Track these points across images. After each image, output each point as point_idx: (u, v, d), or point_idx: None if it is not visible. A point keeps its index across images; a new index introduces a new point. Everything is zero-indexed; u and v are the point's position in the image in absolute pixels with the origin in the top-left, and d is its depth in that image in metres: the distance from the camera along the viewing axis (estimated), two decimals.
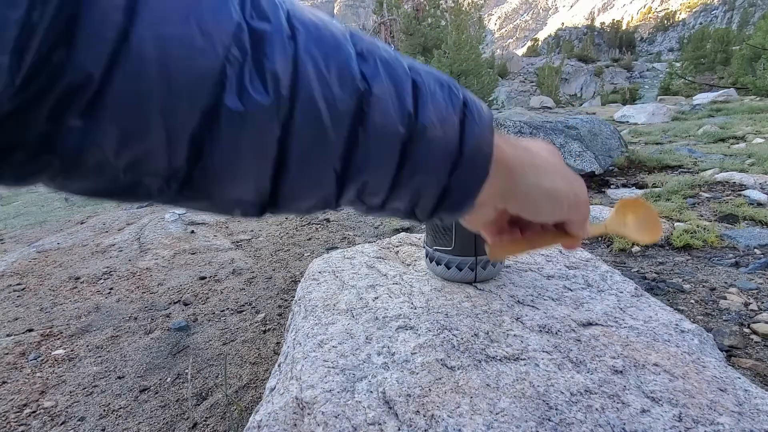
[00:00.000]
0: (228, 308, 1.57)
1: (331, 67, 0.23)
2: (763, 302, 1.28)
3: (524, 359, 0.52)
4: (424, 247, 0.73)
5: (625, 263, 1.64)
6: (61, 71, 0.17)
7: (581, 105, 17.26)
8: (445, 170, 0.27)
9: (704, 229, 1.81)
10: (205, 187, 0.22)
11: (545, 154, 0.33)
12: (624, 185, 2.79)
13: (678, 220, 1.99)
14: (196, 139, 0.20)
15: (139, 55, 0.18)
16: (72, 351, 1.35)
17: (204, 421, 1.02)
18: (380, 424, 0.44)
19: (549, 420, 0.43)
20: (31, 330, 1.48)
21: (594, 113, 7.43)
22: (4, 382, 1.20)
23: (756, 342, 1.11)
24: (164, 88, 0.19)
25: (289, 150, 0.23)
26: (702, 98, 9.65)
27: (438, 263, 0.69)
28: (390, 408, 0.46)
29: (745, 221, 1.92)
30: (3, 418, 1.06)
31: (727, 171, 2.74)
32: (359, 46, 0.25)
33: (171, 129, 0.19)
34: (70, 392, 1.15)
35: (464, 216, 0.32)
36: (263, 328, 1.41)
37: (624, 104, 12.94)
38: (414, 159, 0.26)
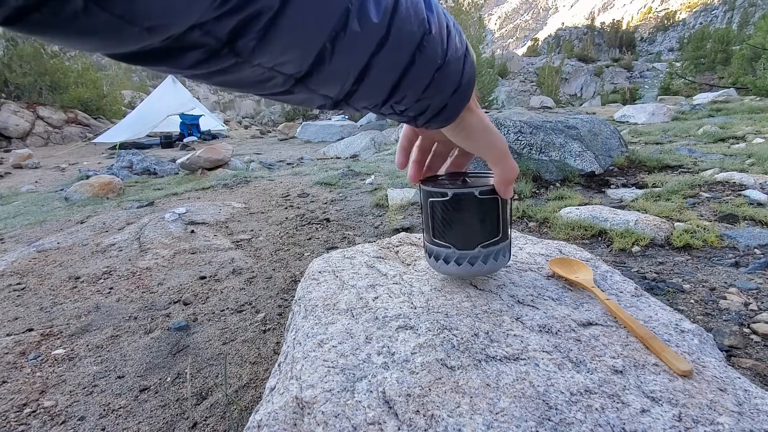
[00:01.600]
0: (228, 308, 1.57)
1: (411, 6, 0.30)
2: (763, 302, 1.28)
3: (524, 359, 0.52)
4: (423, 244, 0.72)
5: (625, 263, 1.64)
6: (251, 0, 0.22)
7: (581, 105, 17.25)
8: (450, 92, 0.38)
9: (704, 229, 1.81)
10: (311, 85, 0.30)
11: (488, 119, 0.46)
12: (624, 185, 2.79)
13: (678, 220, 1.99)
14: (322, 50, 0.27)
15: None
16: (72, 350, 1.35)
17: (204, 420, 1.02)
18: (380, 423, 0.44)
19: (549, 420, 0.43)
20: (31, 329, 1.48)
21: (594, 113, 7.43)
22: (4, 382, 1.20)
23: (756, 342, 1.11)
24: (314, 14, 0.25)
25: (373, 64, 0.30)
26: (702, 98, 9.65)
27: (437, 258, 0.67)
28: (390, 408, 0.46)
29: (745, 221, 1.92)
30: (3, 418, 1.06)
31: (727, 171, 2.74)
32: None
33: (311, 43, 0.26)
34: (70, 392, 1.15)
35: (441, 127, 0.43)
36: (263, 328, 1.41)
37: (624, 104, 12.94)
38: (437, 82, 0.36)
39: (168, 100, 10.39)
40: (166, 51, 0.22)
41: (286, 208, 2.96)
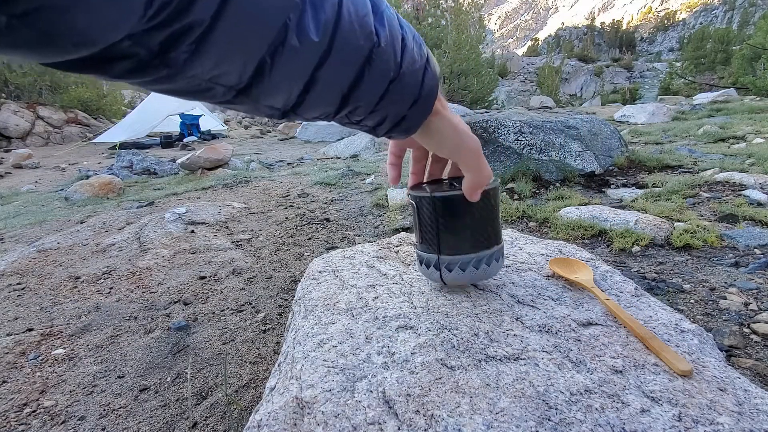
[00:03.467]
0: (228, 308, 1.57)
1: (357, 21, 0.30)
2: (763, 302, 1.28)
3: (524, 359, 0.52)
4: (415, 251, 0.68)
5: (625, 263, 1.64)
6: (183, 14, 0.22)
7: (581, 105, 17.25)
8: (407, 104, 0.38)
9: (704, 229, 1.81)
10: (254, 96, 0.30)
11: (460, 120, 0.46)
12: (624, 185, 2.79)
13: (678, 220, 1.99)
14: (261, 63, 0.28)
15: (237, 8, 0.24)
16: (72, 350, 1.35)
17: (204, 420, 1.02)
18: (380, 423, 0.44)
19: (549, 420, 0.43)
20: (31, 329, 1.48)
21: (594, 113, 7.43)
22: (4, 382, 1.20)
23: (756, 342, 1.11)
24: (249, 30, 0.25)
25: (318, 77, 0.31)
26: (702, 98, 9.65)
27: (427, 265, 0.64)
28: (390, 407, 0.46)
29: (745, 221, 1.92)
30: (3, 418, 1.06)
31: (727, 171, 2.74)
32: (372, 1, 0.32)
33: (248, 57, 0.27)
34: (70, 391, 1.15)
35: (404, 138, 0.44)
36: (263, 328, 1.41)
37: (624, 104, 12.94)
38: (392, 94, 0.36)
39: (168, 100, 10.37)
40: (95, 60, 0.22)
41: (286, 208, 2.96)
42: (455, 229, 0.60)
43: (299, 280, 0.90)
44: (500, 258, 0.65)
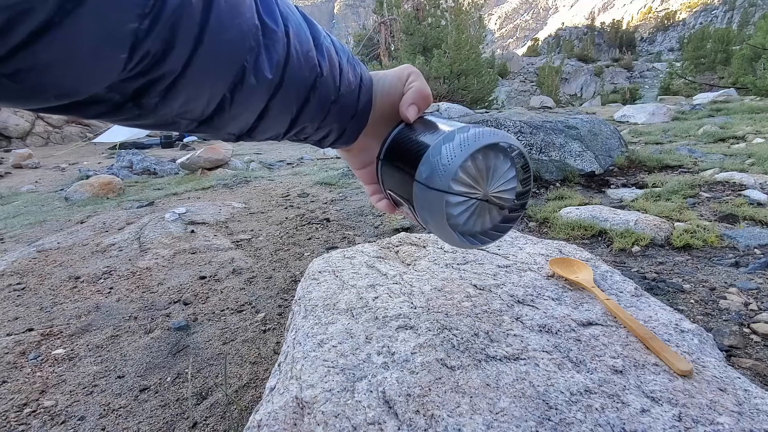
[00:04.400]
0: (228, 308, 1.57)
1: (302, 56, 0.34)
2: (763, 302, 1.28)
3: (524, 359, 0.52)
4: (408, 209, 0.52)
5: (625, 263, 1.64)
6: (158, 65, 0.24)
7: (581, 105, 17.25)
8: (348, 118, 0.42)
9: (704, 229, 1.81)
10: (216, 126, 0.34)
11: (391, 74, 0.47)
12: (624, 185, 2.79)
13: (678, 220, 1.99)
14: (223, 100, 0.31)
15: (204, 55, 0.26)
16: (72, 350, 1.35)
17: (204, 420, 1.02)
18: (380, 423, 0.44)
19: (549, 419, 0.43)
20: (31, 329, 1.48)
21: (594, 113, 7.43)
22: (4, 382, 1.20)
23: (756, 342, 1.11)
24: (215, 72, 0.28)
25: (270, 107, 0.35)
26: (702, 98, 9.65)
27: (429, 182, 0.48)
28: (390, 407, 0.46)
29: (745, 221, 1.92)
30: (3, 418, 1.06)
31: (727, 171, 2.74)
32: (313, 35, 0.36)
33: (212, 95, 0.30)
34: (70, 391, 1.15)
35: (349, 146, 0.47)
36: (263, 328, 1.41)
37: (624, 104, 12.94)
38: (333, 113, 0.40)
39: None
40: (72, 105, 0.24)
41: (286, 208, 2.96)
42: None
43: (299, 280, 0.90)
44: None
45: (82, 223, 2.87)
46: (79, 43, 0.20)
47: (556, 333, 0.58)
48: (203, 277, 1.84)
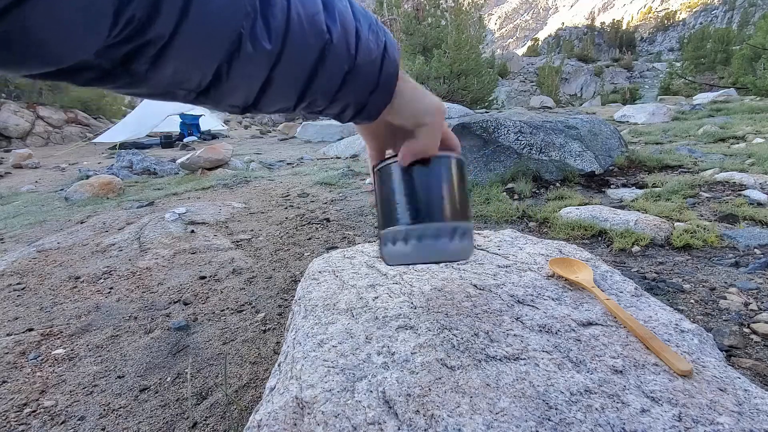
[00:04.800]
0: (228, 308, 1.57)
1: (306, 21, 0.32)
2: (763, 302, 1.28)
3: (524, 359, 0.52)
4: (378, 239, 0.58)
5: (625, 263, 1.64)
6: (144, 31, 0.24)
7: (581, 105, 17.25)
8: (367, 93, 0.39)
9: (704, 229, 1.81)
10: (214, 97, 0.32)
11: (424, 90, 0.46)
12: (624, 185, 2.79)
13: (678, 220, 1.99)
14: (219, 69, 0.29)
15: (194, 22, 0.25)
16: (72, 350, 1.35)
17: (204, 420, 1.02)
18: (380, 423, 0.44)
19: (549, 419, 0.43)
20: (31, 329, 1.48)
21: (594, 113, 7.43)
22: (4, 382, 1.20)
23: (756, 342, 1.11)
24: (205, 41, 0.27)
25: (273, 77, 0.33)
26: (702, 98, 9.65)
27: (394, 242, 0.54)
28: (390, 407, 0.46)
29: (745, 221, 1.92)
30: (3, 418, 1.06)
31: (727, 171, 2.74)
32: None
33: (206, 64, 0.29)
34: (70, 391, 1.15)
35: (369, 123, 0.44)
36: (263, 328, 1.41)
37: (624, 104, 12.94)
38: (349, 85, 0.37)
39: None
40: (62, 71, 0.24)
41: (286, 208, 2.96)
42: (426, 191, 0.52)
43: (299, 280, 0.90)
44: (471, 238, 0.56)
45: (82, 223, 2.87)
46: (63, 4, 0.20)
47: (556, 333, 0.58)
48: (203, 277, 1.84)
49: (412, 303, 0.68)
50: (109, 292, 1.74)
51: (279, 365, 0.60)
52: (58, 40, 0.21)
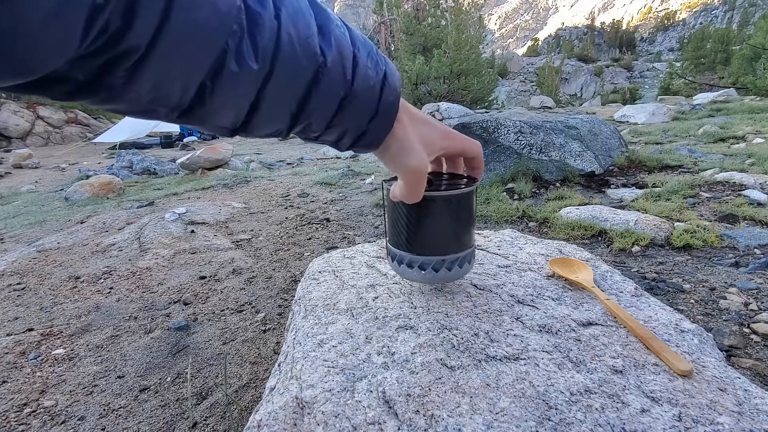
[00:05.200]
0: (228, 308, 1.57)
1: (298, 42, 0.31)
2: (763, 302, 1.28)
3: (524, 359, 0.52)
4: (386, 246, 0.67)
5: (624, 263, 1.64)
6: (119, 41, 0.23)
7: (581, 105, 17.25)
8: (366, 120, 0.38)
9: (704, 229, 1.81)
10: (200, 117, 0.31)
11: (427, 117, 0.47)
12: (624, 185, 2.79)
13: (678, 220, 1.99)
14: (202, 87, 0.28)
15: (174, 34, 0.24)
16: (72, 350, 1.35)
17: (204, 420, 1.02)
18: (380, 423, 0.44)
19: (549, 419, 0.43)
20: (31, 329, 1.48)
21: (594, 113, 7.43)
22: (4, 382, 1.20)
23: (756, 342, 1.11)
24: (186, 55, 0.26)
25: (262, 98, 0.31)
26: (702, 98, 9.65)
27: (399, 262, 0.63)
28: (390, 407, 0.46)
29: (745, 221, 1.92)
30: (3, 418, 1.06)
31: (727, 171, 2.74)
32: (319, 21, 0.33)
33: (187, 81, 0.27)
34: (70, 391, 1.15)
35: (372, 151, 0.43)
36: (263, 328, 1.41)
37: (624, 104, 12.94)
38: (346, 111, 0.36)
39: None
40: (35, 84, 0.23)
41: (286, 208, 2.96)
42: (435, 226, 0.60)
43: (299, 280, 0.90)
44: (472, 260, 0.65)
45: (82, 223, 2.87)
46: (31, 9, 0.19)
47: (556, 333, 0.58)
48: (203, 277, 1.84)
49: (412, 303, 0.68)
50: (109, 292, 1.74)
51: (279, 365, 0.60)
52: (25, 46, 0.19)
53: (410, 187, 0.47)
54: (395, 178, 0.62)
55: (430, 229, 0.60)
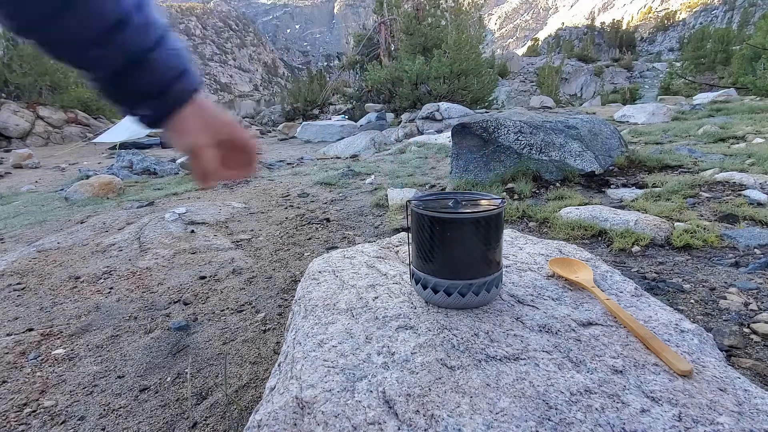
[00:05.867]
0: (228, 308, 1.57)
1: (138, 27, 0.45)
2: (763, 302, 1.28)
3: (524, 359, 0.52)
4: (410, 269, 0.67)
5: (625, 263, 1.64)
6: None
7: (581, 105, 17.25)
8: (148, 93, 0.50)
9: (704, 229, 1.81)
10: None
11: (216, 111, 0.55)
12: (624, 185, 2.79)
13: (678, 220, 1.99)
14: None
15: None
16: (72, 350, 1.35)
17: (204, 420, 1.02)
18: (380, 423, 0.44)
19: (549, 419, 0.43)
20: (31, 329, 1.48)
21: (594, 113, 7.43)
22: (4, 382, 1.20)
23: (756, 342, 1.11)
24: None
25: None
26: (702, 98, 9.65)
27: (424, 286, 0.62)
28: (390, 407, 0.46)
29: (745, 221, 1.92)
30: (3, 417, 1.06)
31: (727, 171, 2.74)
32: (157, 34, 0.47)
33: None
34: (70, 391, 1.15)
35: (159, 127, 0.53)
36: (263, 328, 1.41)
37: (624, 104, 12.94)
38: (131, 76, 0.48)
39: None
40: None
41: (286, 208, 2.96)
42: (462, 250, 0.60)
43: (299, 280, 0.90)
44: (499, 283, 0.65)
45: (82, 223, 2.87)
46: None
47: (556, 333, 0.58)
48: (203, 277, 1.84)
49: (412, 303, 0.68)
50: (109, 292, 1.74)
51: (279, 365, 0.60)
52: None
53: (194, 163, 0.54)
54: (421, 198, 0.64)
55: (457, 252, 0.59)
